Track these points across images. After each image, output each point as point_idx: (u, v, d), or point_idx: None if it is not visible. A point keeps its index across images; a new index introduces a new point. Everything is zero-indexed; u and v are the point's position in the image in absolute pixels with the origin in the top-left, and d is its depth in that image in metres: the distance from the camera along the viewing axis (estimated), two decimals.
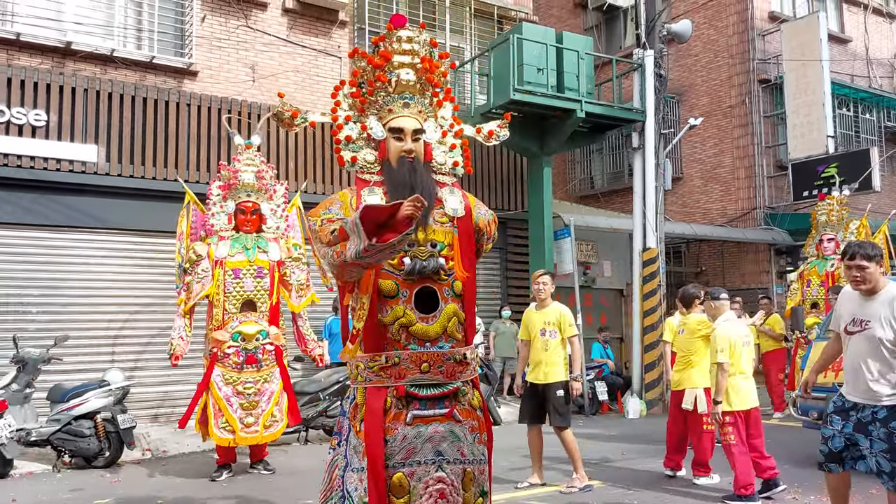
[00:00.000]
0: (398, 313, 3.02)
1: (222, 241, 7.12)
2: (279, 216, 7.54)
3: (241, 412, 6.76)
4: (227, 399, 6.76)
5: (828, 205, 10.37)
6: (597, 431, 9.72)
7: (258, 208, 7.33)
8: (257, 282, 7.07)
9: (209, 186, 7.43)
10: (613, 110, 12.28)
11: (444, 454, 2.92)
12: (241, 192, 7.27)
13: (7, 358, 8.22)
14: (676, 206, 17.17)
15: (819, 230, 10.36)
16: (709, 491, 6.31)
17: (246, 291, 7.02)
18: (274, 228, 7.45)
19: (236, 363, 6.79)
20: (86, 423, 7.43)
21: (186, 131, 10.33)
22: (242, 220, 7.23)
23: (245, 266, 7.03)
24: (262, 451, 7.36)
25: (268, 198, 7.46)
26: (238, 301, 6.99)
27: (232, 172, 7.29)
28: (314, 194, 10.90)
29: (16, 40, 9.47)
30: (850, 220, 10.36)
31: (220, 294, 6.95)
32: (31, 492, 6.52)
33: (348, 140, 3.33)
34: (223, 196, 7.31)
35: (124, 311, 9.79)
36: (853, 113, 17.20)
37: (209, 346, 6.98)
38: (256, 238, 7.24)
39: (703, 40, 16.92)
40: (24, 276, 9.25)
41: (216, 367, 6.83)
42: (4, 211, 9.15)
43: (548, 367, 6.45)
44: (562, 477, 6.83)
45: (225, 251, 7.04)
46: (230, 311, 6.95)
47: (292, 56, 11.47)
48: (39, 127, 9.37)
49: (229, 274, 6.98)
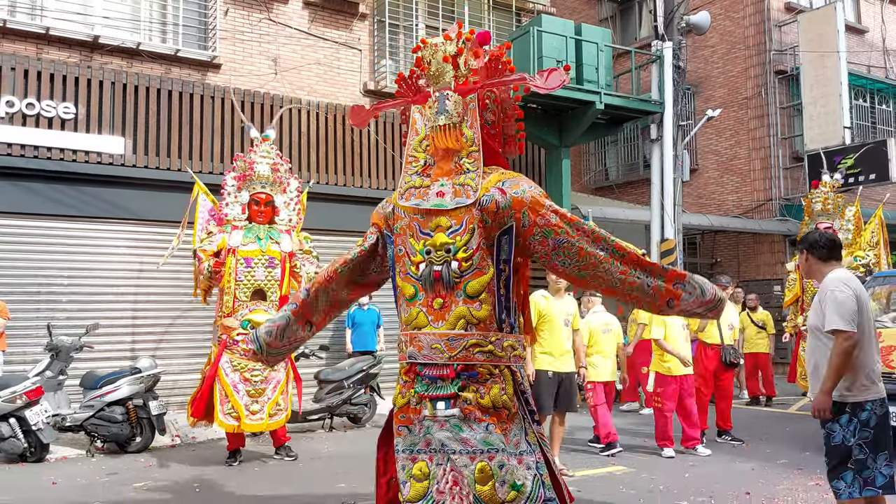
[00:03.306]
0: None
1: (235, 230, 7.26)
2: (292, 209, 7.68)
3: (247, 399, 6.90)
4: (234, 385, 6.91)
5: (822, 192, 10.08)
6: (617, 420, 9.80)
7: (272, 200, 7.47)
8: (268, 271, 7.21)
9: (224, 177, 7.57)
10: (632, 102, 12.34)
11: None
12: (256, 183, 7.40)
13: (40, 346, 8.44)
14: (692, 198, 17.20)
15: (814, 218, 10.11)
16: (737, 471, 6.44)
17: (257, 280, 7.16)
18: (286, 220, 7.59)
19: (245, 350, 6.88)
20: (118, 410, 7.61)
21: (210, 123, 10.49)
22: (256, 210, 7.37)
23: (257, 255, 7.17)
24: (284, 437, 7.51)
25: (281, 190, 7.59)
26: (248, 290, 7.13)
27: (248, 164, 7.43)
28: (327, 185, 11.05)
29: (45, 34, 9.64)
30: (845, 206, 10.14)
31: (232, 282, 7.09)
32: (69, 475, 6.70)
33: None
34: (238, 187, 7.44)
35: (152, 301, 9.97)
36: (870, 104, 17.18)
37: (219, 332, 7.13)
38: (269, 229, 7.38)
39: (720, 31, 16.91)
40: (54, 265, 9.44)
41: (224, 353, 6.98)
42: (35, 202, 9.33)
43: (570, 357, 6.65)
44: (572, 461, 7.00)
45: (238, 240, 7.18)
46: (240, 299, 7.10)
47: (314, 49, 11.58)
48: (68, 120, 9.54)
49: (241, 262, 7.12)
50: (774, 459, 7.14)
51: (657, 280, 3.19)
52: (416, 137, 3.30)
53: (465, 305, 3.12)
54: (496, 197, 3.17)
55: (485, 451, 3.00)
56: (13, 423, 7.23)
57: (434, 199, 3.17)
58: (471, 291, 3.13)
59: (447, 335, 3.09)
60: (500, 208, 3.17)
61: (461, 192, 3.16)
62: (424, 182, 3.22)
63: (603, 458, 7.26)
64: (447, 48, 3.28)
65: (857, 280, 4.10)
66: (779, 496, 5.74)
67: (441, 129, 3.19)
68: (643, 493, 5.86)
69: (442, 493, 3.01)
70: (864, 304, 3.96)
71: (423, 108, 3.31)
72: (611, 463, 7.06)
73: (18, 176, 9.24)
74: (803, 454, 7.16)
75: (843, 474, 3.86)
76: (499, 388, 3.11)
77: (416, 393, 3.11)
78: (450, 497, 3.00)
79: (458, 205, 3.14)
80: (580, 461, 7.11)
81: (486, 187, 3.19)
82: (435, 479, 3.00)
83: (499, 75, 3.33)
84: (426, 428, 3.09)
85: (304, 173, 10.66)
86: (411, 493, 3.03)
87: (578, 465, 6.92)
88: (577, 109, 11.99)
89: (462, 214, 3.15)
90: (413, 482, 3.01)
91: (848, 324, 3.83)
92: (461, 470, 3.00)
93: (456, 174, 3.20)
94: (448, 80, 3.27)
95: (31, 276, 9.31)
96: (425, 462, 3.04)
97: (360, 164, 11.55)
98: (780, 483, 6.16)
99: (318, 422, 9.09)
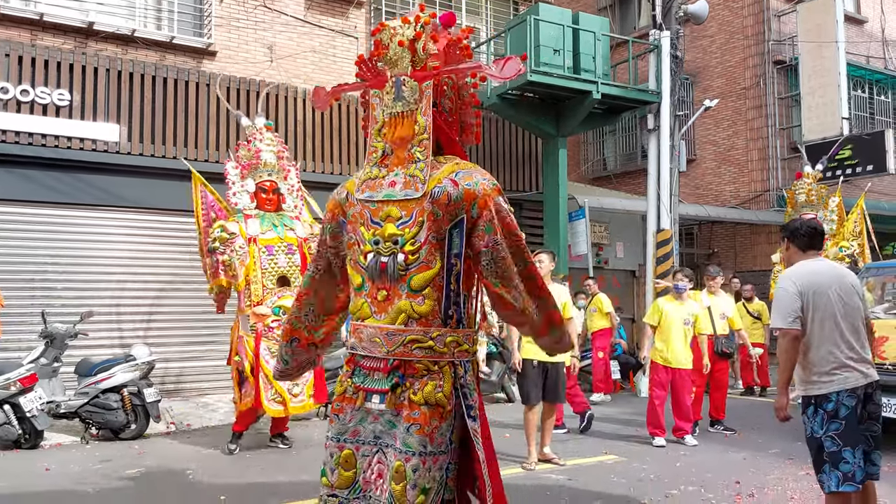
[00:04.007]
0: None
1: (249, 218, 7.25)
2: (295, 195, 7.68)
3: (288, 383, 6.93)
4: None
5: (805, 183, 10.03)
6: (610, 410, 9.88)
7: (277, 187, 7.48)
8: (289, 258, 7.25)
9: (225, 167, 7.55)
10: (629, 92, 12.31)
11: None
12: (263, 171, 7.40)
13: (34, 333, 8.45)
14: (689, 188, 17.20)
15: (798, 209, 10.05)
16: (730, 460, 6.47)
17: (280, 267, 7.19)
18: (292, 207, 7.60)
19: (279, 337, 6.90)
20: (113, 397, 7.63)
21: (206, 111, 10.46)
22: (264, 199, 7.38)
23: (277, 243, 7.21)
24: (284, 425, 7.54)
25: (283, 178, 7.59)
26: (274, 277, 7.16)
27: (254, 152, 7.41)
28: (323, 173, 11.05)
29: (39, 20, 9.60)
30: (828, 197, 10.10)
31: (258, 270, 7.10)
32: (63, 461, 6.73)
33: None
34: (241, 175, 7.43)
35: (147, 288, 9.98)
36: (868, 94, 17.14)
37: (250, 321, 7.10)
38: (280, 216, 7.40)
39: (718, 21, 16.86)
40: (49, 253, 9.44)
41: (262, 341, 6.99)
42: (29, 189, 9.32)
43: None
44: (563, 450, 7.03)
45: (256, 229, 7.20)
46: (268, 287, 7.13)
47: (310, 36, 11.54)
48: (63, 106, 9.52)
49: (263, 251, 7.15)
50: (766, 449, 7.18)
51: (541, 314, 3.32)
52: (375, 126, 3.22)
53: (408, 299, 3.03)
54: (448, 189, 3.04)
55: (403, 451, 2.95)
56: (7, 409, 7.25)
57: (386, 188, 3.10)
58: (415, 286, 3.03)
59: (387, 329, 3.02)
60: (452, 200, 3.04)
61: (411, 184, 3.08)
62: (381, 173, 3.15)
63: (594, 447, 7.29)
64: (405, 32, 3.17)
65: (823, 269, 4.03)
66: (768, 485, 5.78)
67: (399, 115, 3.12)
68: (634, 482, 5.89)
69: (368, 482, 3.03)
70: (822, 297, 3.90)
71: (380, 92, 3.21)
72: (602, 452, 7.09)
73: (13, 163, 9.22)
74: (795, 444, 7.18)
75: (823, 467, 3.88)
76: (434, 385, 3.02)
77: (352, 384, 3.09)
78: (374, 488, 3.01)
79: (407, 196, 3.06)
80: (571, 450, 7.14)
81: (439, 178, 3.07)
82: (361, 469, 3.03)
83: (457, 61, 3.22)
84: (358, 419, 3.06)
85: (300, 161, 10.63)
86: (339, 480, 3.03)
87: (569, 454, 6.95)
88: (574, 99, 11.96)
89: (412, 206, 3.06)
90: (341, 470, 3.03)
91: (784, 321, 3.89)
92: (389, 464, 2.99)
93: (408, 163, 3.12)
94: (405, 65, 3.17)
95: (26, 264, 9.31)
96: (352, 451, 3.03)
97: (355, 153, 11.53)
98: (771, 472, 6.20)
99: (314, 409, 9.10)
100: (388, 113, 3.15)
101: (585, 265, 12.46)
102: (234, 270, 7.07)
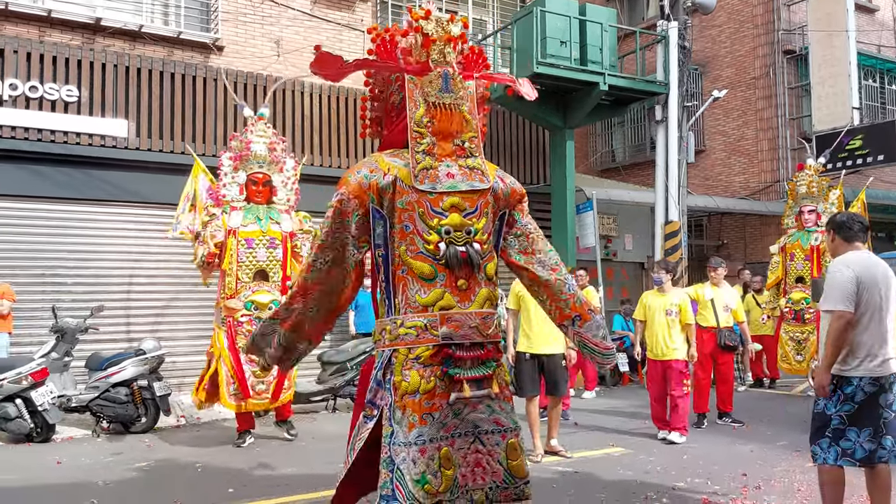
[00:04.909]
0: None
1: (234, 210, 7.22)
2: (289, 188, 7.65)
3: (253, 380, 6.94)
4: (240, 367, 6.94)
5: (807, 175, 9.95)
6: (618, 402, 9.89)
7: (269, 180, 7.43)
8: (270, 252, 7.21)
9: (220, 158, 7.50)
10: (637, 83, 12.24)
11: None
12: (253, 163, 7.37)
13: (45, 328, 8.53)
14: (698, 179, 17.12)
15: (798, 201, 9.93)
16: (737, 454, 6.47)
17: (259, 261, 7.16)
18: (284, 200, 7.57)
19: (249, 331, 6.82)
20: (123, 391, 7.70)
21: (213, 106, 10.49)
22: (254, 191, 7.34)
23: (258, 236, 7.17)
24: (287, 411, 7.58)
25: (278, 170, 7.55)
26: (251, 271, 7.13)
27: (244, 143, 7.38)
28: (329, 167, 11.06)
29: (47, 17, 9.65)
30: (829, 189, 10.02)
31: (234, 263, 7.07)
32: (74, 454, 6.80)
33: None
34: (234, 167, 7.39)
35: (156, 282, 10.04)
36: (879, 84, 16.99)
37: (222, 314, 7.12)
38: (268, 209, 7.36)
39: (728, 10, 16.73)
40: (59, 248, 9.50)
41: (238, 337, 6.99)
42: (39, 185, 9.38)
43: (554, 339, 6.54)
44: (571, 442, 7.03)
45: (238, 221, 7.15)
46: (243, 280, 7.09)
47: (316, 30, 11.54)
48: (71, 102, 9.57)
49: (242, 244, 7.11)
50: (774, 441, 7.16)
51: (576, 293, 3.43)
52: (417, 112, 3.17)
53: (486, 287, 3.15)
54: (500, 185, 3.29)
55: (513, 428, 3.10)
56: (19, 403, 7.34)
57: (445, 179, 3.12)
58: (489, 273, 3.19)
59: (482, 314, 3.10)
60: (503, 196, 3.29)
61: (472, 176, 3.17)
62: (433, 163, 3.14)
63: (601, 440, 7.30)
64: (452, 29, 3.26)
65: (874, 262, 4.12)
66: (775, 477, 5.77)
67: (447, 107, 3.18)
68: (640, 474, 5.90)
69: (465, 476, 2.97)
70: (873, 285, 4.00)
71: (417, 80, 3.20)
72: (609, 444, 7.10)
73: (23, 159, 9.29)
74: (803, 436, 7.05)
75: (820, 441, 4.05)
76: (505, 366, 3.34)
77: (449, 375, 2.99)
78: (471, 479, 2.98)
79: (472, 188, 3.15)
80: (579, 442, 7.15)
81: (492, 174, 3.27)
82: (457, 465, 2.96)
83: (478, 70, 3.40)
84: (454, 412, 2.99)
85: (307, 156, 10.66)
86: (444, 483, 2.91)
87: (577, 446, 6.96)
88: (581, 90, 11.91)
89: (476, 198, 3.16)
90: (443, 472, 2.91)
91: (842, 303, 3.94)
92: (492, 449, 3.03)
93: (458, 156, 3.19)
94: (450, 60, 3.25)
95: (37, 259, 9.38)
96: (448, 449, 2.95)
97: (362, 147, 11.53)
98: (778, 465, 6.19)
99: (322, 403, 9.17)
100: (434, 103, 3.18)
101: (594, 257, 12.44)
102: (207, 244, 7.02)
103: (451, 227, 3.07)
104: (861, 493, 4.68)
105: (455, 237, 3.07)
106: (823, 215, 9.46)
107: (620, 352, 11.75)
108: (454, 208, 3.09)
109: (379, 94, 3.42)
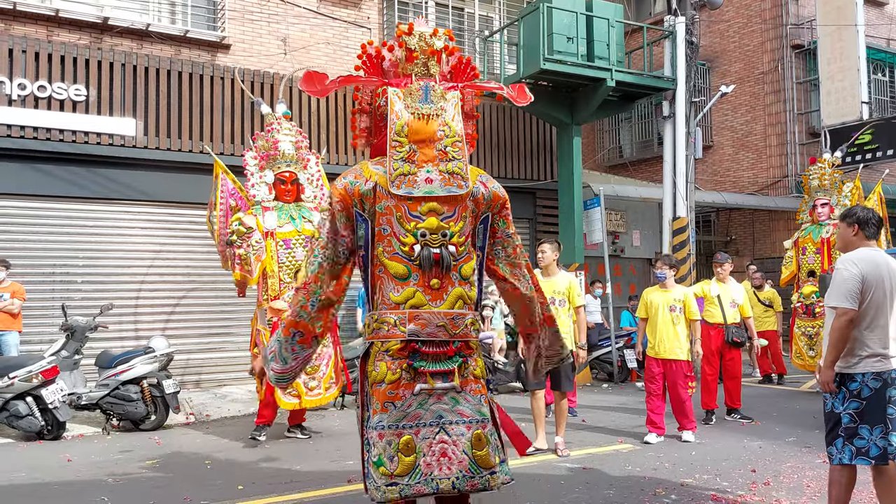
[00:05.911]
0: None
1: (267, 211, 7.17)
2: (315, 185, 7.61)
3: (304, 377, 6.90)
4: None
5: (819, 168, 9.84)
6: (626, 398, 9.87)
7: (296, 178, 7.39)
8: (307, 251, 7.22)
9: (244, 157, 7.49)
10: (644, 79, 12.21)
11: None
12: (281, 162, 7.33)
13: (55, 326, 8.59)
14: (707, 175, 17.06)
15: (812, 195, 9.87)
16: (747, 450, 6.45)
17: (298, 261, 7.11)
18: (312, 197, 7.53)
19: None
20: (133, 388, 7.73)
21: (221, 104, 10.52)
22: (283, 190, 7.31)
23: (294, 236, 7.13)
24: (301, 416, 7.60)
25: (303, 167, 7.52)
26: (291, 271, 7.10)
27: (272, 143, 7.32)
28: (337, 164, 11.09)
29: (55, 17, 9.70)
30: (843, 182, 9.94)
31: (275, 265, 7.06)
32: (84, 452, 6.84)
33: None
34: (260, 166, 7.36)
35: (165, 280, 10.10)
36: (889, 78, 16.88)
37: (268, 316, 7.04)
38: (299, 207, 7.33)
39: (736, 5, 16.66)
40: (68, 247, 9.57)
41: None
42: (48, 184, 9.44)
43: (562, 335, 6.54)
44: (580, 439, 7.02)
45: (273, 222, 7.11)
46: (285, 281, 7.06)
47: (323, 28, 11.56)
48: (80, 102, 9.62)
49: (281, 245, 7.09)
50: (783, 437, 7.14)
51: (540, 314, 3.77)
52: (398, 122, 3.35)
53: (461, 287, 3.34)
54: (482, 189, 3.44)
55: (479, 420, 3.26)
56: (30, 401, 7.38)
57: (423, 185, 3.29)
58: (464, 274, 3.36)
59: (451, 314, 3.28)
60: (484, 200, 3.44)
61: (451, 181, 3.33)
62: (412, 169, 3.31)
63: (610, 436, 7.30)
64: (435, 43, 3.46)
65: (882, 260, 4.09)
66: (784, 474, 5.75)
67: (426, 117, 3.36)
68: (648, 471, 5.89)
69: (430, 465, 3.15)
70: (878, 283, 3.99)
71: (400, 91, 3.41)
72: (617, 440, 7.09)
73: (32, 158, 9.35)
74: (812, 432, 7.15)
75: (835, 441, 4.04)
76: (482, 361, 3.45)
77: (413, 368, 3.21)
78: (437, 468, 3.15)
79: (450, 193, 3.32)
80: (589, 439, 7.15)
81: (473, 179, 3.41)
82: (421, 453, 3.15)
83: (467, 79, 3.60)
84: (418, 402, 3.21)
85: (313, 151, 10.67)
86: (400, 468, 3.12)
87: (586, 443, 6.96)
88: (588, 86, 11.89)
89: (454, 202, 3.33)
90: (401, 456, 3.13)
91: (846, 300, 3.95)
92: (457, 439, 3.20)
93: (441, 160, 3.35)
94: (433, 72, 3.47)
95: (46, 258, 9.45)
96: (411, 437, 3.16)
97: None
98: (787, 461, 6.17)
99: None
100: (414, 113, 3.38)
101: (601, 253, 12.42)
102: (250, 266, 7.00)
103: (428, 230, 3.27)
104: (863, 489, 4.66)
105: (431, 240, 3.27)
106: (837, 208, 9.42)
107: (629, 348, 11.74)
108: (432, 212, 3.29)
109: (367, 106, 3.63)
